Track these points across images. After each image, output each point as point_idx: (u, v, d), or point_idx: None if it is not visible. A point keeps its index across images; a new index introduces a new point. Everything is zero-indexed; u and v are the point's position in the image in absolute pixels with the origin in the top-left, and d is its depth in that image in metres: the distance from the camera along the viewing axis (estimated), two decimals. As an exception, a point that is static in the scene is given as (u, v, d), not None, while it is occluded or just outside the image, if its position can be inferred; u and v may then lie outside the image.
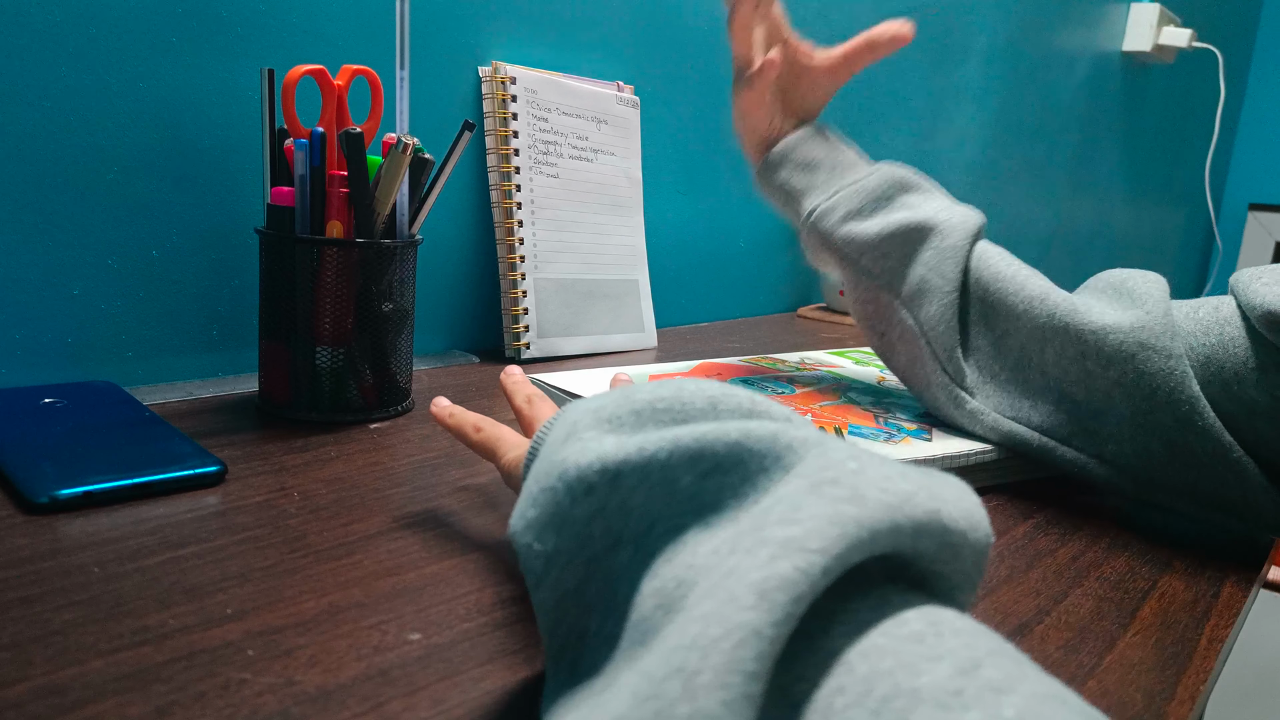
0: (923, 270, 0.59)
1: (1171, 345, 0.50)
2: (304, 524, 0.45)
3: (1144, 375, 0.50)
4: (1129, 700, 0.36)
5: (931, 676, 0.20)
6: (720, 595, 0.22)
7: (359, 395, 0.61)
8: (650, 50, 1.02)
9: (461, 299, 0.87)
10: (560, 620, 0.28)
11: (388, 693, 0.32)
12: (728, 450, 0.27)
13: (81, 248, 0.62)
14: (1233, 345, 0.50)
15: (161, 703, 0.30)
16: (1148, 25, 2.15)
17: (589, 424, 0.30)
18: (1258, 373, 0.48)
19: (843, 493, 0.24)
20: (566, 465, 0.28)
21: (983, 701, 0.19)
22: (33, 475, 0.45)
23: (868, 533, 0.23)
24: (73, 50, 0.59)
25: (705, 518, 0.26)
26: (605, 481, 0.27)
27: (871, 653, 0.21)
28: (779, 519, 0.23)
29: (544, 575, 0.28)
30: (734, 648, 0.20)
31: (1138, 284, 0.54)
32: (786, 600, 0.21)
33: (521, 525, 0.28)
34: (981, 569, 0.26)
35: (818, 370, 0.76)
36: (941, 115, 1.57)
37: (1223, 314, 0.51)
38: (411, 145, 0.59)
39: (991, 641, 0.22)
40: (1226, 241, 3.11)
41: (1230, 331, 0.50)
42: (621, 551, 0.27)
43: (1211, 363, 0.50)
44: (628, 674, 0.23)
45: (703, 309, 1.18)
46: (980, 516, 0.25)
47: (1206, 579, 0.48)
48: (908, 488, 0.24)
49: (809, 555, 0.22)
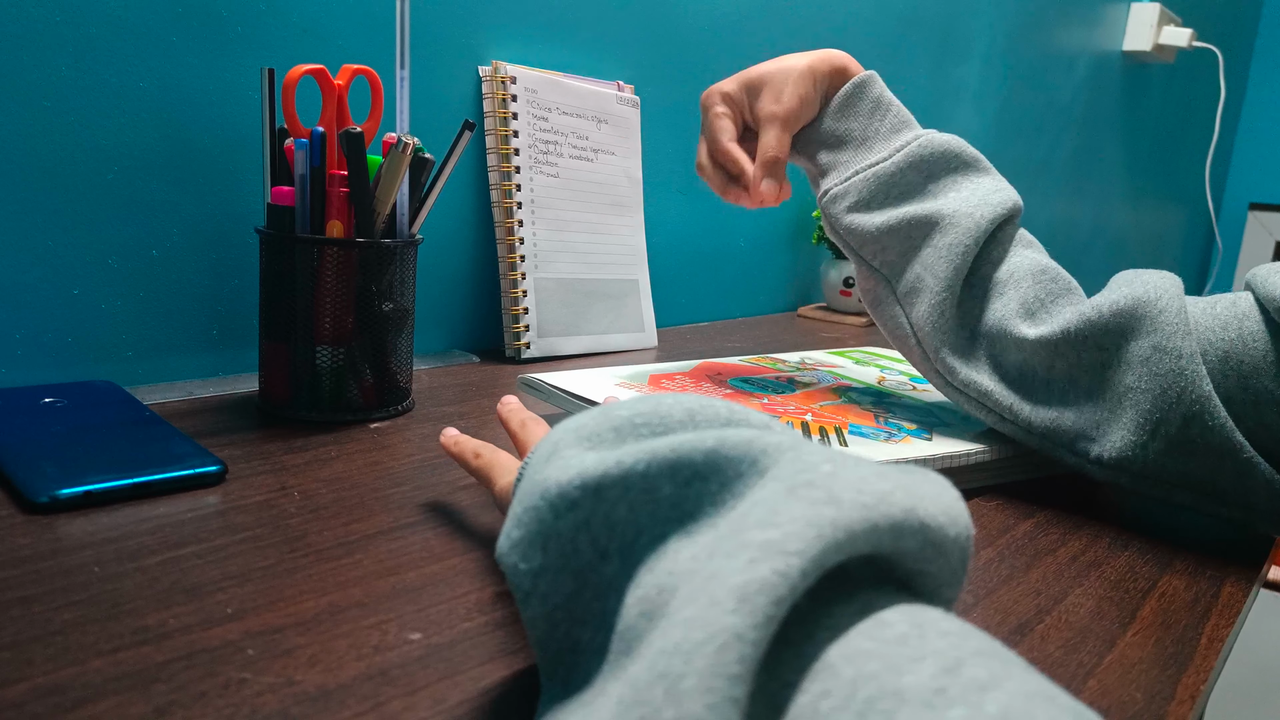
0: (919, 269, 0.59)
1: (1183, 345, 0.50)
2: (304, 524, 0.45)
3: (1156, 377, 0.50)
4: (1129, 700, 0.36)
5: (915, 676, 0.20)
6: (702, 600, 0.22)
7: (359, 395, 0.61)
8: (650, 50, 1.02)
9: (461, 299, 0.87)
10: (551, 633, 0.28)
11: (388, 692, 0.32)
12: (705, 458, 0.27)
13: (81, 248, 0.62)
14: (1252, 340, 0.50)
15: (161, 702, 0.30)
16: (1148, 25, 2.15)
17: (570, 442, 0.30)
18: (1276, 365, 0.49)
19: (819, 495, 0.24)
20: (548, 483, 0.28)
21: (967, 699, 0.19)
22: (33, 475, 0.45)
23: (844, 534, 0.23)
24: (73, 50, 0.59)
25: (686, 525, 0.27)
26: (587, 496, 0.27)
27: (856, 656, 0.22)
28: (757, 522, 0.23)
29: (532, 591, 0.28)
30: (717, 651, 0.20)
31: (1151, 284, 0.53)
32: (767, 603, 0.21)
33: (507, 546, 0.29)
34: (965, 565, 0.26)
35: (818, 370, 0.76)
36: (941, 115, 1.57)
37: (1240, 308, 0.51)
38: (412, 145, 0.59)
39: (977, 641, 0.22)
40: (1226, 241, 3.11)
41: (1250, 326, 0.50)
42: (609, 564, 0.27)
43: (1230, 358, 0.50)
44: (614, 683, 0.24)
45: (703, 309, 1.18)
46: (959, 511, 0.25)
47: (1206, 579, 0.48)
48: (884, 487, 0.24)
49: (787, 558, 0.22)
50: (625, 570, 0.27)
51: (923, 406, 0.66)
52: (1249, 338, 0.50)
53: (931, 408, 0.66)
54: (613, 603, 0.27)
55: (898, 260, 0.60)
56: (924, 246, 0.59)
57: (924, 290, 0.58)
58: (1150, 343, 0.50)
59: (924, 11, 1.45)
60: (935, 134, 0.62)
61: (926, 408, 0.66)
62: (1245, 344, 0.50)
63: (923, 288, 0.58)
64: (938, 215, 0.59)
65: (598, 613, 0.27)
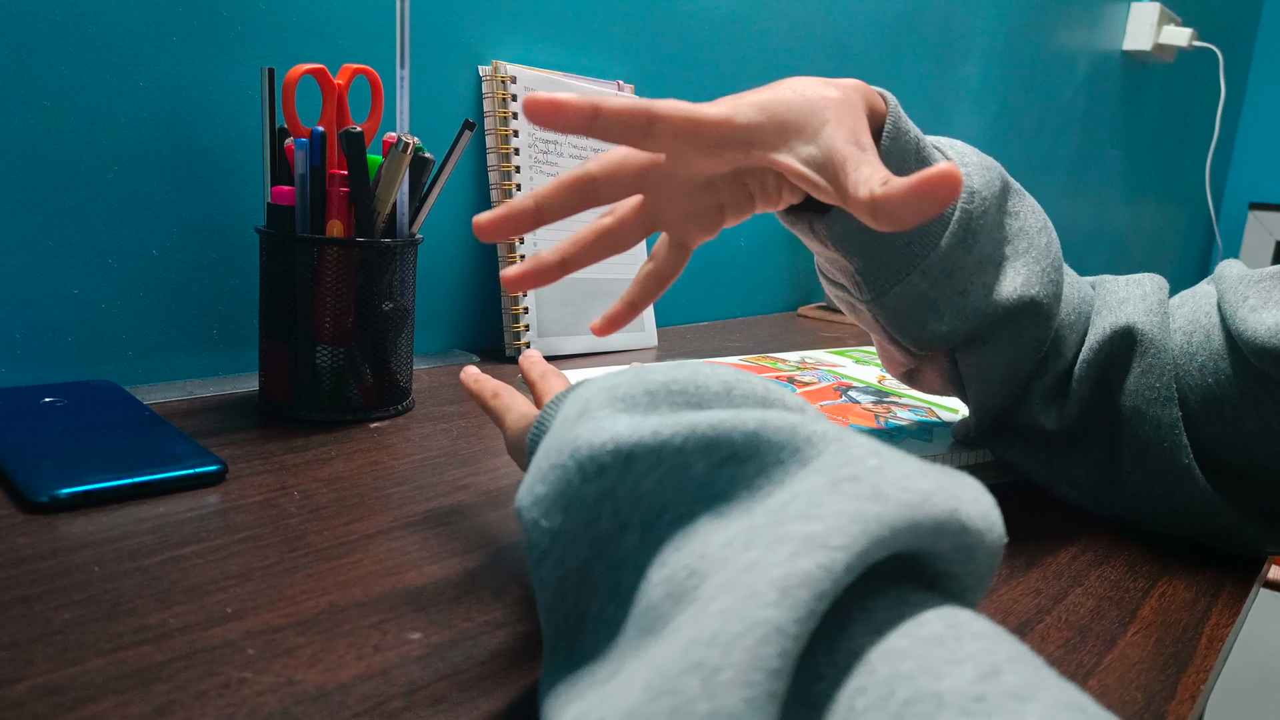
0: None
1: (1162, 414, 0.49)
2: (304, 523, 0.45)
3: (1136, 439, 0.50)
4: (1129, 700, 0.36)
5: (953, 680, 0.20)
6: (739, 591, 0.21)
7: (359, 394, 0.61)
8: (650, 50, 1.02)
9: (461, 298, 0.87)
10: (560, 599, 0.27)
11: (388, 692, 0.32)
12: (745, 440, 0.26)
13: (81, 247, 0.62)
14: (1227, 380, 0.48)
15: (161, 702, 0.30)
16: (1148, 24, 2.15)
17: (603, 402, 0.29)
18: (1254, 404, 0.47)
19: (864, 490, 0.23)
20: (579, 443, 0.27)
21: (1006, 709, 0.19)
22: (33, 474, 0.45)
23: (889, 531, 0.22)
24: (73, 50, 0.59)
25: (717, 507, 0.26)
26: (618, 463, 0.27)
27: (892, 654, 0.21)
28: (798, 515, 0.23)
29: (548, 552, 0.27)
30: (756, 645, 0.20)
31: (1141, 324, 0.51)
32: (810, 597, 0.21)
33: (530, 500, 0.28)
34: (994, 570, 0.26)
35: (818, 369, 0.76)
36: (941, 115, 1.57)
37: (1214, 346, 0.49)
38: (412, 145, 0.59)
39: (1010, 646, 0.22)
40: (1227, 241, 3.11)
41: (1223, 366, 0.48)
42: (629, 536, 0.27)
43: (1209, 403, 0.49)
44: (635, 664, 0.23)
45: (703, 308, 1.18)
46: (996, 518, 0.25)
47: (1206, 579, 0.48)
48: (927, 486, 0.24)
49: (832, 552, 0.22)
50: (646, 545, 0.26)
51: (923, 406, 0.66)
52: (1223, 379, 0.48)
53: (932, 407, 0.66)
54: (628, 576, 0.26)
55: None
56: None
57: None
58: (1130, 405, 0.50)
59: (924, 11, 1.45)
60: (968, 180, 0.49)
61: (926, 407, 0.66)
62: (1222, 386, 0.48)
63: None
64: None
65: (610, 585, 0.27)
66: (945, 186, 0.34)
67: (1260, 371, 0.46)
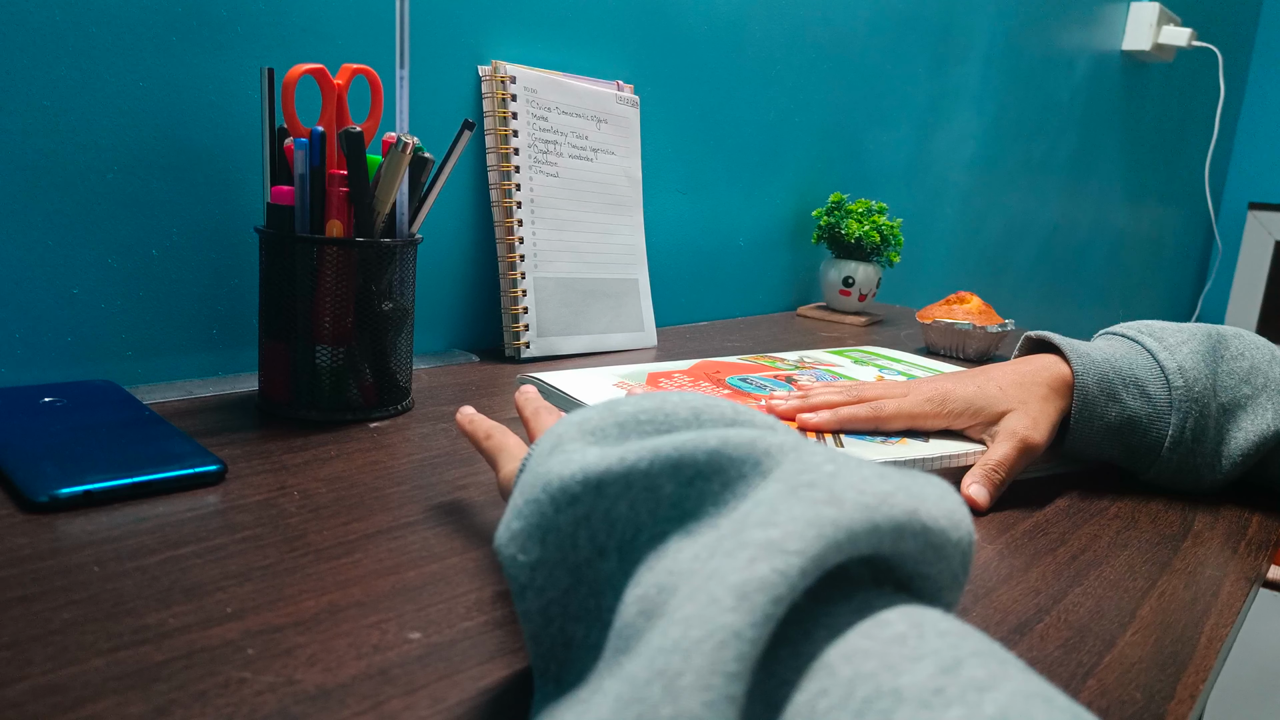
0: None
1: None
2: (304, 523, 0.45)
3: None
4: (1129, 699, 0.36)
5: (913, 676, 0.20)
6: (701, 598, 0.22)
7: (359, 394, 0.61)
8: (650, 50, 1.02)
9: (461, 298, 0.87)
10: (545, 628, 0.28)
11: (388, 692, 0.32)
12: (708, 458, 0.27)
13: (81, 247, 0.62)
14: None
15: (161, 702, 0.30)
16: (1147, 24, 2.15)
17: (573, 436, 0.30)
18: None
19: (820, 495, 0.24)
20: (550, 476, 0.28)
21: (965, 699, 0.19)
22: (33, 474, 0.45)
23: (845, 534, 0.23)
24: (73, 50, 0.59)
25: (686, 525, 0.26)
26: (589, 491, 0.27)
27: (854, 655, 0.22)
28: (758, 522, 0.23)
29: (528, 584, 0.28)
30: (715, 649, 0.20)
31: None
32: (766, 601, 0.21)
33: (506, 537, 0.29)
34: (967, 569, 0.26)
35: (816, 369, 0.76)
36: (941, 115, 1.57)
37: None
38: (411, 144, 0.59)
39: (976, 642, 0.22)
40: (1226, 241, 3.11)
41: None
42: (607, 560, 0.27)
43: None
44: (610, 681, 0.24)
45: (702, 308, 1.18)
46: (962, 515, 0.25)
47: (1206, 579, 0.48)
48: (885, 488, 0.24)
49: (787, 557, 0.22)
50: (623, 568, 0.27)
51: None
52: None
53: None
54: (609, 600, 0.27)
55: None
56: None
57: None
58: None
59: (924, 11, 1.45)
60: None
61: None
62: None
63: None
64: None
65: (593, 610, 0.27)
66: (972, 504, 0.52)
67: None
